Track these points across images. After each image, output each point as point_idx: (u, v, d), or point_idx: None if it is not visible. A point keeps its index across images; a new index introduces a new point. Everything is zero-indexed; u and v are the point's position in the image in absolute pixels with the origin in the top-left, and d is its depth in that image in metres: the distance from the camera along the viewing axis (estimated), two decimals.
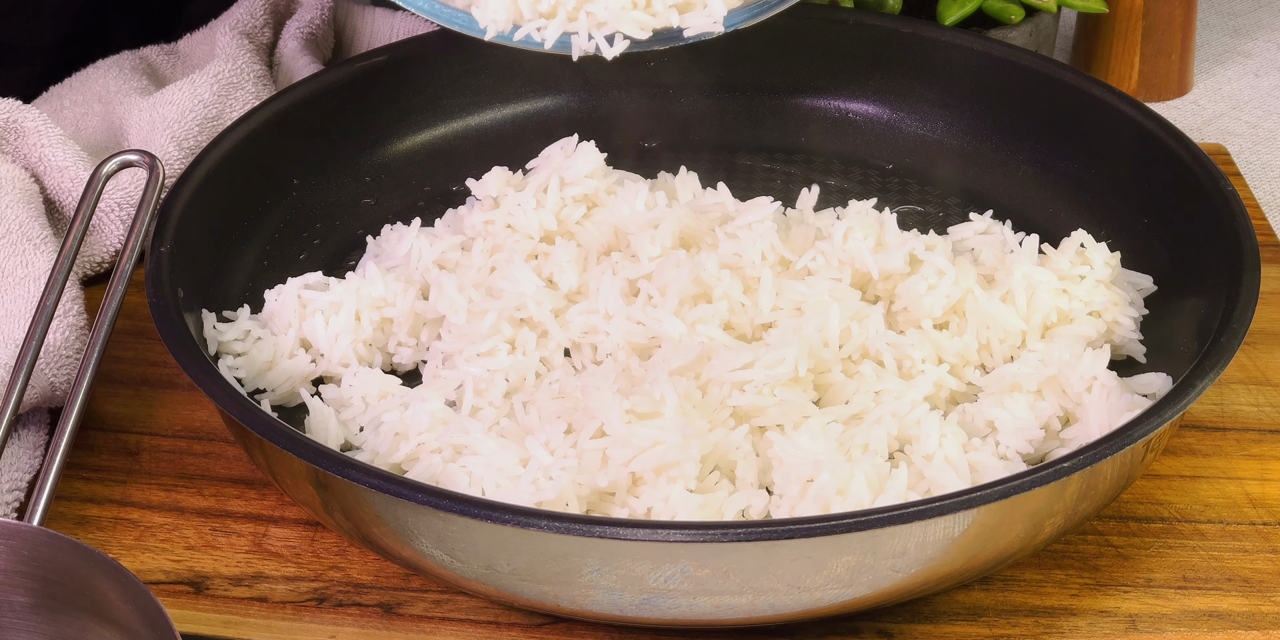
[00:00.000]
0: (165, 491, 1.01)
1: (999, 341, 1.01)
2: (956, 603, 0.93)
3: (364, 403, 0.99)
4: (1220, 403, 1.05)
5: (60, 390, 1.01)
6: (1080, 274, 1.04)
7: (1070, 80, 1.14)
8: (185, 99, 1.21)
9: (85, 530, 0.98)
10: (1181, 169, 1.05)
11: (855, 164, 1.20)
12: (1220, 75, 1.45)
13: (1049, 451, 0.96)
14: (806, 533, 0.81)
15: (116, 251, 1.16)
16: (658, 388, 0.93)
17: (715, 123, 1.21)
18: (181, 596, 0.94)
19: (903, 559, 0.84)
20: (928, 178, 1.18)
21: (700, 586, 0.84)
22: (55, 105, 1.29)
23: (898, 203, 1.16)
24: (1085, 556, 0.95)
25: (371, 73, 1.17)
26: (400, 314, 1.04)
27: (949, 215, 1.15)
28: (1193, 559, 0.95)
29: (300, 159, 1.14)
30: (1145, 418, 0.87)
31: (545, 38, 1.01)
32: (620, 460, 0.91)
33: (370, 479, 0.84)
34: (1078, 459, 0.85)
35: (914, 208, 1.16)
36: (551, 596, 0.86)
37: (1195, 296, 1.01)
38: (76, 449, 1.03)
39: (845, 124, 1.21)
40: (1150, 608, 0.92)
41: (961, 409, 0.98)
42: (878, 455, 0.93)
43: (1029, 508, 0.86)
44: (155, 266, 0.98)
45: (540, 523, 0.82)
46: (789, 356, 0.96)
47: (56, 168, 1.16)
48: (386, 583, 0.94)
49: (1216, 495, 0.99)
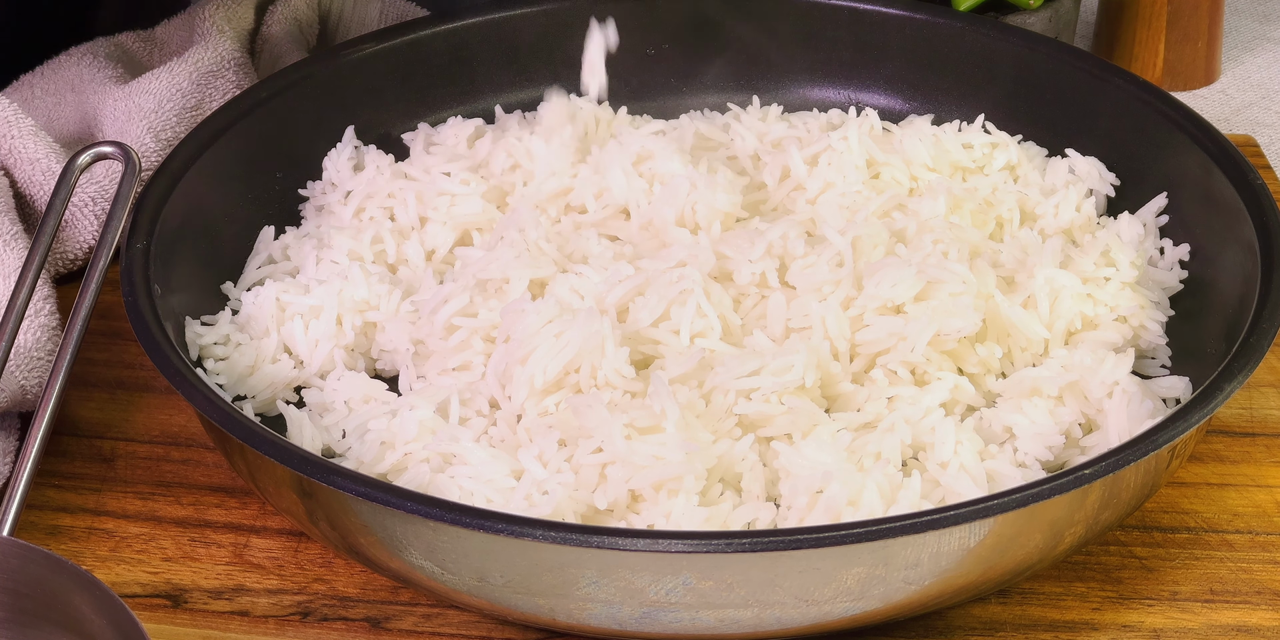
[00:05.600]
0: (142, 500, 1.01)
1: (1021, 350, 1.01)
2: (972, 617, 0.93)
3: (347, 407, 0.99)
4: (1249, 407, 1.05)
5: (31, 393, 1.01)
6: (1105, 276, 1.04)
7: (1092, 69, 1.14)
8: (163, 88, 1.21)
9: (57, 541, 0.98)
10: (1208, 161, 1.05)
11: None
12: (1249, 63, 1.45)
13: (1069, 459, 0.96)
14: (815, 543, 0.81)
15: (90, 248, 1.16)
16: (658, 400, 0.93)
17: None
18: (159, 610, 0.94)
19: (916, 571, 0.84)
20: None
21: (703, 599, 0.84)
22: (25, 94, 1.29)
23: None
24: (1107, 568, 0.95)
25: (358, 61, 1.17)
26: (385, 318, 1.03)
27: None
28: (1220, 571, 0.95)
29: (283, 151, 1.14)
30: (1170, 422, 0.87)
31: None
32: (620, 477, 0.91)
33: (357, 486, 0.85)
34: (1100, 466, 0.85)
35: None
36: (547, 610, 0.87)
37: (1223, 295, 1.01)
38: (48, 456, 1.03)
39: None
40: (1176, 622, 0.93)
41: (978, 415, 0.98)
42: (890, 464, 0.93)
43: (1048, 517, 0.86)
44: (131, 264, 0.98)
45: (535, 532, 0.82)
46: (798, 363, 0.95)
47: (27, 160, 1.16)
48: (374, 596, 0.95)
49: (1245, 504, 0.99)
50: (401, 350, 1.02)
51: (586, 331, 0.96)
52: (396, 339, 1.02)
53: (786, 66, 1.22)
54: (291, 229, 1.11)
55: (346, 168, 1.13)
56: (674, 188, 1.07)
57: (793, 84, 1.22)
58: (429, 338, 1.01)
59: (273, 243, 1.10)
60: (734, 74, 1.23)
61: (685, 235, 1.06)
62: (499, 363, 0.97)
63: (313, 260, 1.07)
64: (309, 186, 1.14)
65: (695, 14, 1.21)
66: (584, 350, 0.96)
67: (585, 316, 0.96)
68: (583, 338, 0.96)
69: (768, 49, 1.22)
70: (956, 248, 1.03)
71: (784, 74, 1.22)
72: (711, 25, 1.22)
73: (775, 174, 1.12)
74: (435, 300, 1.01)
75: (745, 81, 1.22)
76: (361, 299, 1.03)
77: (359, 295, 1.03)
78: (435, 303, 1.01)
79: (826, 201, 1.09)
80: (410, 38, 1.19)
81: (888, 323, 0.98)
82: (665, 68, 1.23)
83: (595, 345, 0.96)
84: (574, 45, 1.19)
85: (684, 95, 1.23)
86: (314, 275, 1.06)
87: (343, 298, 1.03)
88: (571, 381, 0.96)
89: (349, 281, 1.04)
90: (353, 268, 1.04)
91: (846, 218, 1.07)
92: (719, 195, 1.07)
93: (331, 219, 1.11)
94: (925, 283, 0.99)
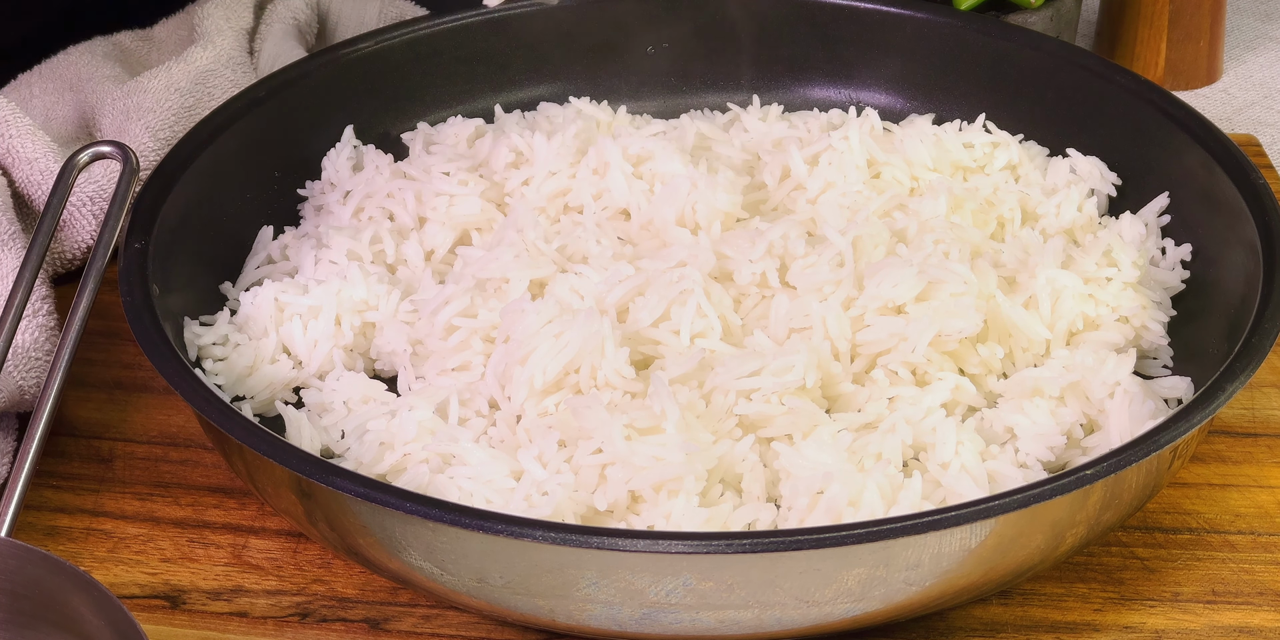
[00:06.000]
0: (140, 501, 1.01)
1: (1022, 350, 1.01)
2: (973, 618, 0.93)
3: (346, 407, 0.99)
4: (1251, 407, 1.05)
5: (29, 394, 1.01)
6: (1107, 276, 1.04)
7: (1093, 68, 1.14)
8: (161, 87, 1.21)
9: (56, 541, 0.98)
10: (1210, 161, 1.05)
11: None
12: (1251, 62, 1.45)
13: (1070, 460, 0.97)
14: (815, 543, 0.81)
15: (88, 248, 1.16)
16: (658, 401, 0.93)
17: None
18: (157, 611, 0.94)
19: (917, 571, 0.84)
20: None
21: (703, 600, 0.84)
22: (24, 94, 1.29)
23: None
24: (1109, 569, 0.96)
25: (357, 60, 1.17)
26: (384, 318, 1.03)
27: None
28: (1222, 572, 0.95)
29: (282, 150, 1.14)
30: (1172, 423, 0.87)
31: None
32: (620, 478, 0.91)
33: (356, 487, 0.85)
34: (1101, 466, 0.85)
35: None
36: (546, 611, 0.87)
37: (1225, 295, 1.01)
38: (46, 456, 1.03)
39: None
40: (1178, 623, 0.93)
41: (980, 415, 0.98)
42: (891, 464, 0.93)
43: (1050, 517, 0.86)
44: (129, 264, 0.99)
45: (535, 533, 0.82)
46: (798, 363, 0.96)
47: (25, 159, 1.16)
48: (373, 597, 0.95)
49: (1247, 505, 0.99)
50: (400, 352, 1.02)
51: (586, 331, 0.96)
52: (394, 341, 1.02)
53: (787, 66, 1.22)
54: (290, 229, 1.11)
55: (345, 167, 1.13)
56: (674, 187, 1.07)
57: (793, 83, 1.22)
58: (428, 338, 1.01)
59: (271, 243, 1.10)
60: (734, 74, 1.23)
61: (685, 235, 1.06)
62: (499, 363, 0.97)
63: (311, 260, 1.07)
64: (308, 186, 1.14)
65: (695, 13, 1.21)
66: (584, 350, 0.96)
67: (585, 317, 0.96)
68: (583, 338, 0.96)
69: (768, 48, 1.22)
70: (958, 248, 1.03)
71: (784, 73, 1.22)
72: (712, 25, 1.22)
73: (775, 174, 1.12)
74: (436, 301, 1.01)
75: (745, 81, 1.22)
76: (360, 299, 1.03)
77: (358, 295, 1.03)
78: (436, 304, 1.01)
79: (827, 201, 1.09)
80: (409, 37, 1.19)
81: (889, 323, 0.99)
82: (665, 67, 1.23)
83: (595, 345, 0.96)
84: (575, 44, 1.19)
85: (684, 95, 1.23)
86: (313, 275, 1.06)
87: (341, 298, 1.03)
88: (571, 382, 0.96)
89: (348, 282, 1.04)
90: (351, 268, 1.04)
91: (847, 218, 1.07)
92: (719, 195, 1.07)
93: (330, 219, 1.11)
94: (926, 283, 0.99)
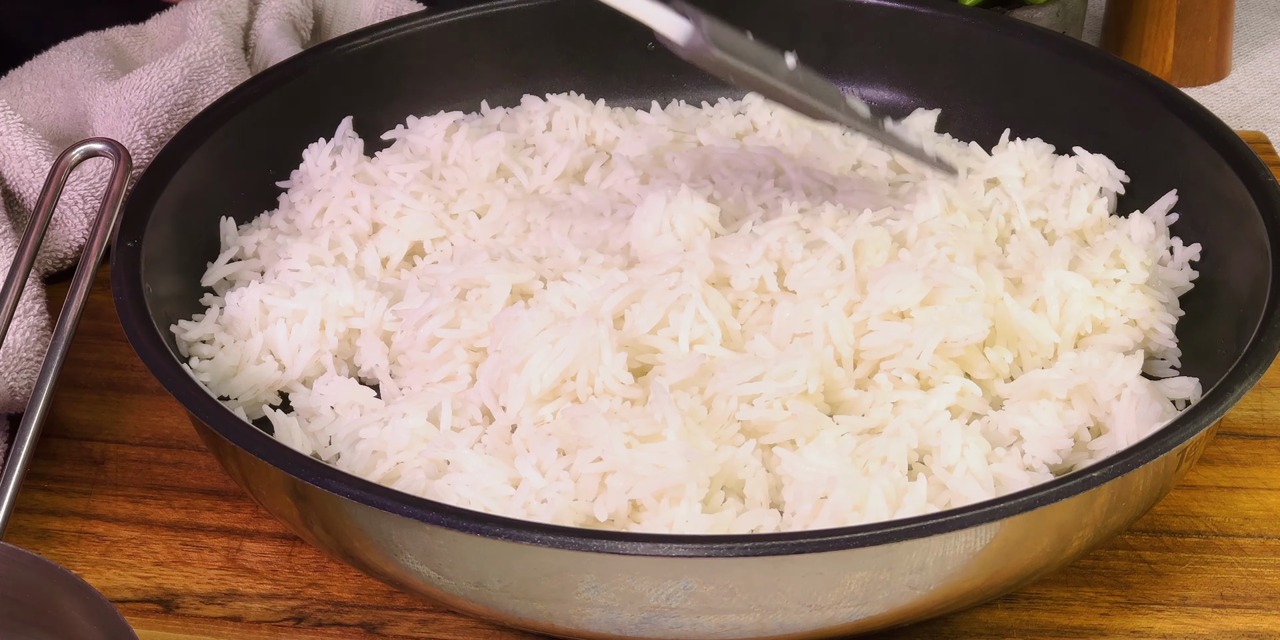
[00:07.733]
0: (132, 503, 1.01)
1: (1030, 354, 1.01)
2: (978, 622, 0.93)
3: (334, 412, 0.99)
4: (1260, 408, 1.05)
5: (20, 395, 1.01)
6: (1115, 278, 1.04)
7: (1100, 64, 1.14)
8: (154, 84, 1.21)
9: (47, 545, 0.98)
10: (1218, 159, 1.05)
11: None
12: (1260, 58, 1.45)
13: (1077, 463, 0.96)
14: (818, 547, 0.81)
15: (80, 247, 1.17)
16: (659, 408, 0.92)
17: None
18: (150, 616, 0.94)
19: (921, 575, 0.84)
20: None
21: (704, 604, 0.84)
22: (14, 90, 1.29)
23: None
24: (1116, 573, 0.96)
25: (353, 56, 1.17)
26: (368, 326, 1.03)
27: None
28: (1231, 576, 0.95)
29: (276, 148, 1.14)
30: (1180, 424, 0.87)
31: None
32: (620, 487, 0.90)
33: (352, 489, 0.85)
34: (1108, 468, 0.85)
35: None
36: (545, 615, 0.87)
37: (1233, 295, 1.01)
38: (37, 458, 1.03)
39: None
40: (1185, 627, 0.93)
41: (986, 418, 0.98)
42: (895, 468, 0.92)
43: (1056, 520, 0.86)
44: (121, 263, 0.98)
45: (533, 536, 0.82)
46: (800, 368, 0.95)
47: (16, 157, 1.16)
48: (369, 601, 0.95)
49: (1256, 507, 0.99)
50: (379, 367, 1.02)
51: (583, 337, 0.95)
52: (373, 356, 1.02)
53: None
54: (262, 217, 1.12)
55: (326, 162, 1.13)
56: (649, 205, 1.06)
57: None
58: (410, 351, 1.01)
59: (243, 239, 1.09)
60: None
61: (672, 242, 1.05)
62: (493, 372, 0.97)
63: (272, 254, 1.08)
64: (291, 177, 1.14)
65: (696, 10, 1.21)
66: (580, 356, 0.95)
67: (581, 323, 0.96)
68: (579, 344, 0.95)
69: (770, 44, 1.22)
70: (961, 250, 1.03)
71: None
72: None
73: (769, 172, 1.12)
74: (419, 314, 1.01)
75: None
76: (346, 305, 1.03)
77: (344, 301, 1.03)
78: (418, 316, 1.00)
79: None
80: (405, 33, 1.19)
81: (893, 329, 0.98)
82: (665, 64, 1.22)
83: (592, 351, 0.95)
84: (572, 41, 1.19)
85: (683, 91, 1.23)
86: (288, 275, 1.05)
87: (327, 303, 1.02)
88: (569, 390, 0.96)
89: (335, 286, 1.03)
90: (339, 272, 1.04)
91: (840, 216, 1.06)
92: (697, 204, 1.06)
93: (297, 218, 1.11)
94: (931, 287, 0.99)
